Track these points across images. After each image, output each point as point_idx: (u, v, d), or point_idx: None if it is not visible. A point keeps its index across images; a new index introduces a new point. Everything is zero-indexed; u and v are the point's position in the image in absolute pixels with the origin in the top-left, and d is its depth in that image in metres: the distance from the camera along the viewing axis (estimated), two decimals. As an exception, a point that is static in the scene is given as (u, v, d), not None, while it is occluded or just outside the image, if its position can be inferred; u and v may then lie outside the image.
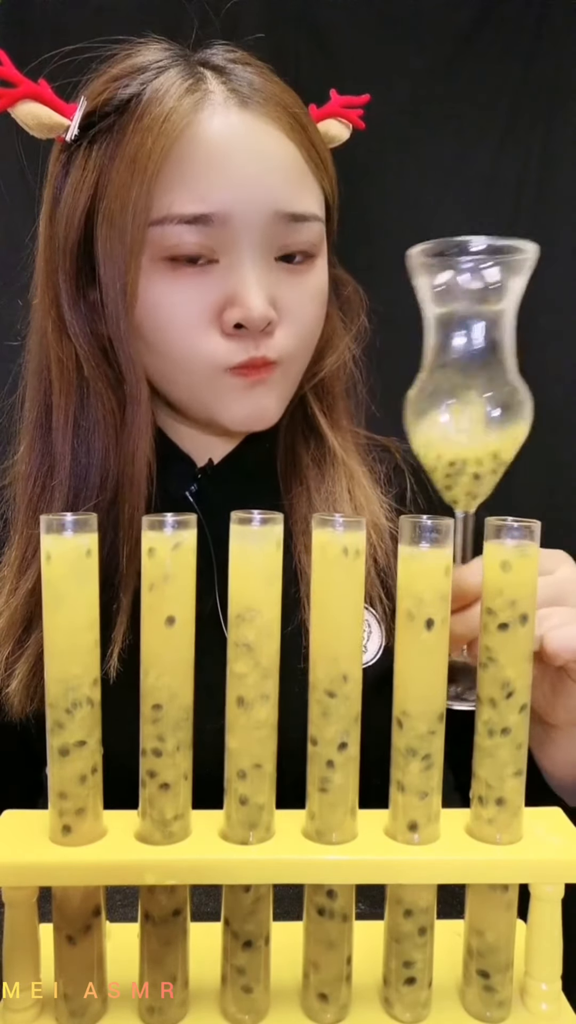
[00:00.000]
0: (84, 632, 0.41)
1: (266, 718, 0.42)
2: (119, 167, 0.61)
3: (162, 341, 0.64)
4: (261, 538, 0.40)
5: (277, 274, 0.64)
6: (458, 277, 0.50)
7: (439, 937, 0.45)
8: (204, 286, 0.62)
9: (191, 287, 0.62)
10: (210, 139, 0.60)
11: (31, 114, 0.62)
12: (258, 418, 0.66)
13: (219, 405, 0.65)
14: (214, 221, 0.60)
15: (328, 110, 0.71)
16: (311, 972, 0.44)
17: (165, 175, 0.60)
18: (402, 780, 0.43)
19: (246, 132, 0.62)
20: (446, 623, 0.41)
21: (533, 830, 0.44)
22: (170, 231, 0.60)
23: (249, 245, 0.61)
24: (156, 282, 0.62)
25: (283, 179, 0.62)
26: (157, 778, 0.42)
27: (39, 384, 0.69)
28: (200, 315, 0.62)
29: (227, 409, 0.65)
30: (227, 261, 0.62)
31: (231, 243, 0.61)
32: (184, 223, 0.60)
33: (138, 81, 0.63)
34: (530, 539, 0.41)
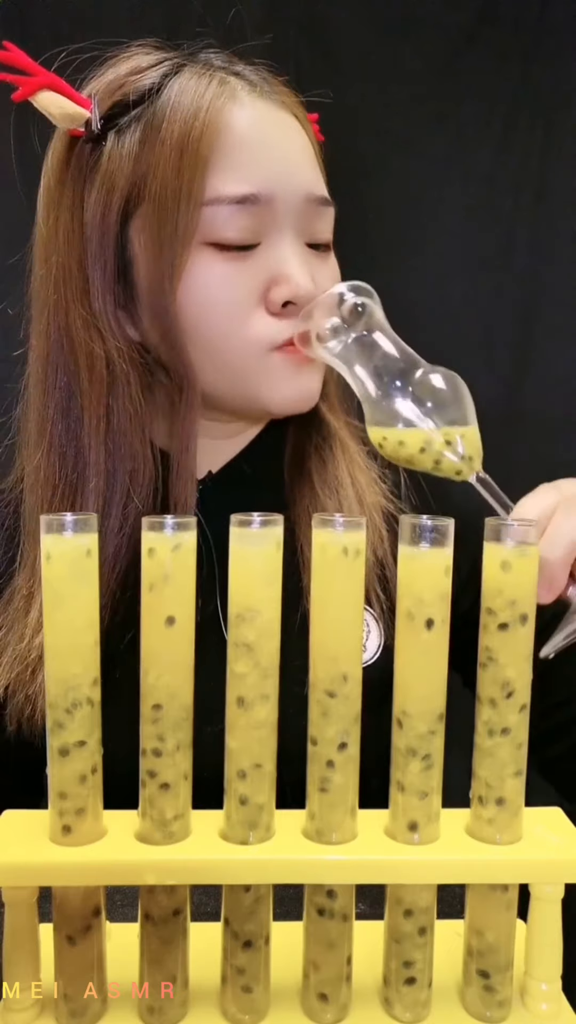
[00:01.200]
0: (84, 632, 0.41)
1: (266, 718, 0.42)
2: (164, 152, 0.61)
3: (207, 325, 0.64)
4: (261, 539, 0.40)
5: (309, 257, 0.66)
6: (337, 315, 0.60)
7: (439, 937, 0.45)
8: (249, 268, 0.63)
9: (236, 268, 0.63)
10: (246, 126, 0.63)
11: (55, 103, 0.62)
12: (306, 398, 0.67)
13: (266, 386, 0.65)
14: (260, 201, 0.62)
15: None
16: (311, 972, 0.44)
17: (212, 159, 0.61)
18: (402, 780, 0.43)
19: (274, 119, 0.64)
20: (446, 623, 0.41)
21: (533, 830, 0.44)
22: (219, 212, 0.61)
23: (289, 226, 0.64)
24: (203, 265, 0.62)
25: (308, 164, 0.66)
26: (157, 778, 0.42)
27: (57, 387, 0.67)
28: (247, 295, 0.63)
29: (275, 390, 0.66)
30: (268, 243, 0.63)
31: (273, 224, 0.63)
32: (233, 203, 0.61)
33: (156, 73, 0.64)
34: (530, 539, 0.41)
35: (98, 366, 0.65)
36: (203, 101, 0.62)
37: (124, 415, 0.66)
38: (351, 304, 0.59)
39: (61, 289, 0.66)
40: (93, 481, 0.66)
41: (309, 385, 0.66)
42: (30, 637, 0.65)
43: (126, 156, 0.63)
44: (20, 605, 0.67)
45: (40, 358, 0.68)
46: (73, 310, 0.65)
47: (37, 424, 0.68)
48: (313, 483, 0.71)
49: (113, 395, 0.66)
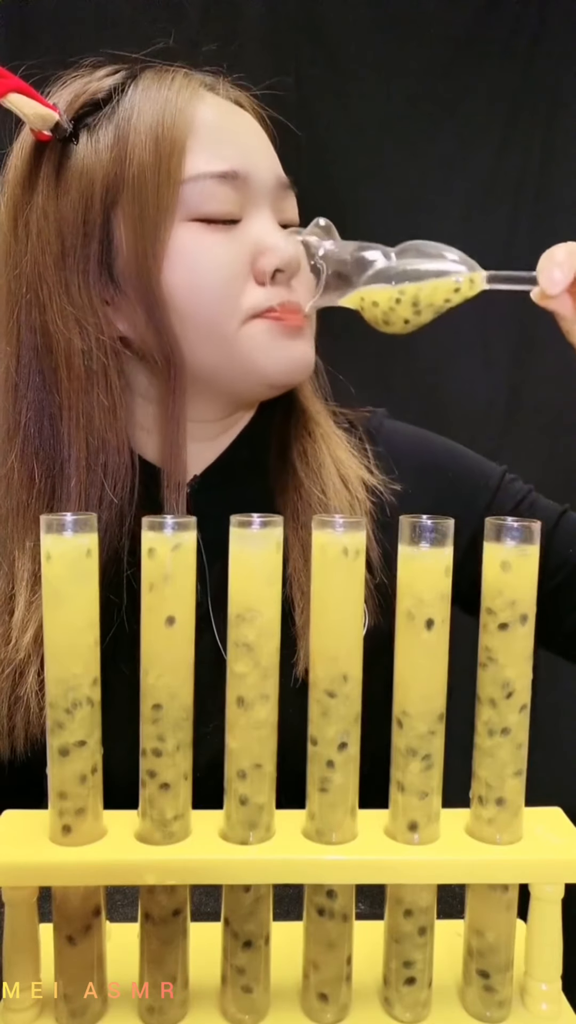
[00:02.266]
0: (84, 632, 0.41)
1: (266, 718, 0.42)
2: (139, 141, 0.63)
3: (198, 299, 0.64)
4: (261, 540, 0.40)
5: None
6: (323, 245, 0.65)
7: (439, 937, 0.45)
8: (234, 241, 0.65)
9: (223, 241, 0.64)
10: (215, 114, 0.65)
11: (28, 104, 0.63)
12: (301, 366, 0.68)
13: (261, 354, 0.66)
14: (239, 177, 0.64)
15: None
16: (311, 972, 0.44)
17: (189, 141, 0.63)
18: (402, 780, 0.43)
19: (235, 111, 0.68)
20: (446, 623, 0.41)
21: (533, 830, 0.44)
22: (202, 187, 0.63)
23: (265, 203, 0.66)
24: (190, 240, 0.63)
25: (271, 153, 0.69)
26: (157, 778, 0.42)
27: (32, 384, 0.66)
28: (236, 266, 0.64)
29: (269, 358, 0.66)
30: (248, 219, 0.65)
31: (251, 201, 0.65)
32: (215, 178, 0.63)
33: (118, 76, 0.66)
34: (530, 540, 0.41)
35: (77, 361, 0.65)
36: (171, 93, 0.65)
37: (103, 410, 0.66)
38: (320, 225, 0.65)
39: (36, 288, 0.65)
40: (74, 479, 0.66)
41: (303, 351, 0.67)
42: (16, 638, 0.65)
43: (102, 150, 0.64)
44: (2, 607, 0.67)
45: (7, 358, 0.67)
46: (50, 307, 0.65)
47: (6, 426, 0.67)
48: (296, 469, 0.72)
49: (93, 390, 0.65)
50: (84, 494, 0.66)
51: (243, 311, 0.64)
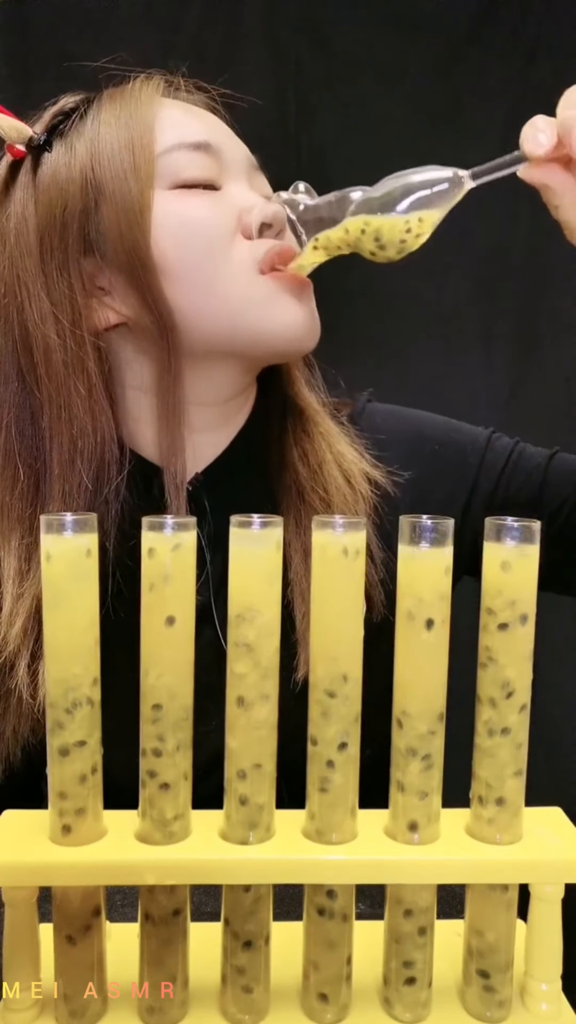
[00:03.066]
0: (84, 632, 0.41)
1: (266, 718, 0.42)
2: (110, 131, 0.65)
3: (191, 261, 0.64)
4: (261, 540, 0.40)
5: None
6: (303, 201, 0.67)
7: (439, 937, 0.45)
8: (217, 203, 0.66)
9: (207, 203, 0.65)
10: (181, 102, 0.69)
11: (4, 121, 0.66)
12: (310, 326, 0.68)
13: (268, 315, 0.66)
14: (212, 149, 0.66)
15: None
16: (311, 972, 0.44)
17: (159, 121, 0.65)
18: (402, 780, 0.43)
19: (204, 108, 0.70)
20: (446, 623, 0.41)
21: (533, 830, 0.44)
22: (178, 156, 0.65)
23: (241, 175, 0.68)
24: (175, 205, 0.65)
25: (238, 139, 0.71)
26: (157, 778, 0.42)
27: (8, 389, 0.67)
28: (222, 223, 0.65)
29: (277, 316, 0.66)
30: (227, 187, 0.67)
31: (227, 171, 0.67)
32: (191, 148, 0.65)
33: (82, 94, 0.69)
34: (530, 539, 0.41)
35: (55, 358, 0.65)
36: (136, 87, 0.68)
37: (83, 407, 0.66)
38: (300, 207, 0.66)
39: (14, 290, 0.66)
40: (57, 478, 0.66)
41: (308, 312, 0.68)
42: (4, 631, 0.65)
43: (77, 150, 0.66)
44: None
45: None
46: (29, 307, 0.65)
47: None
48: (297, 471, 0.72)
49: (72, 387, 0.66)
50: (66, 492, 0.66)
51: (241, 265, 0.65)
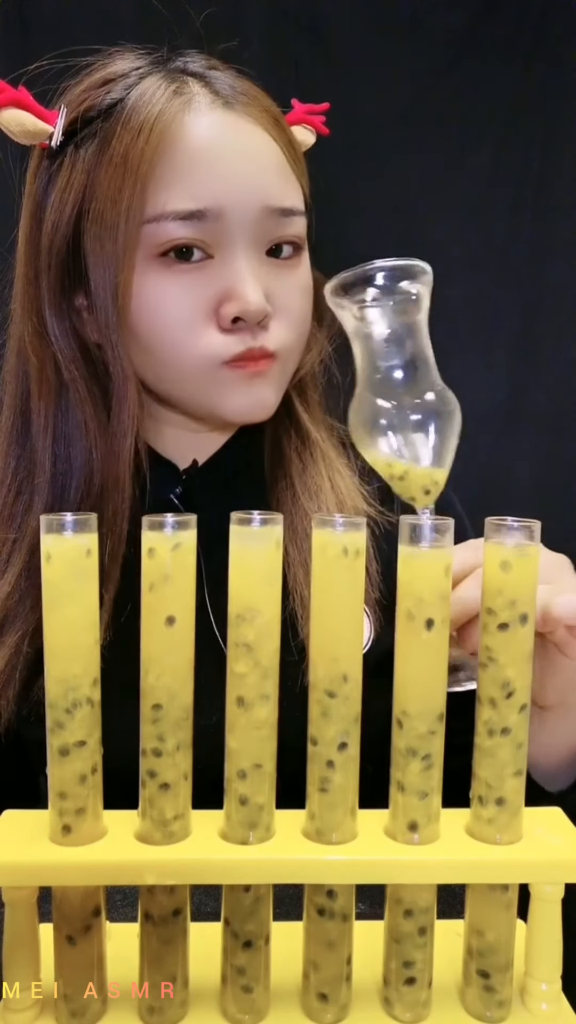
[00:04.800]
0: (84, 632, 0.41)
1: (266, 718, 0.42)
2: (109, 169, 0.62)
3: (159, 339, 0.64)
4: (261, 538, 0.40)
5: (268, 269, 0.65)
6: (376, 298, 0.53)
7: (439, 937, 0.45)
8: (199, 283, 0.63)
9: (186, 284, 0.63)
10: (199, 138, 0.62)
11: (15, 120, 0.63)
12: (258, 409, 0.67)
13: (219, 399, 0.66)
14: (208, 216, 0.61)
15: (293, 117, 0.73)
16: (311, 972, 0.44)
17: (157, 174, 0.61)
18: (402, 780, 0.43)
19: (233, 131, 0.63)
20: (446, 623, 0.41)
21: (533, 830, 0.44)
22: (164, 228, 0.61)
23: (242, 240, 0.63)
24: (151, 280, 0.63)
25: (271, 175, 0.64)
26: (157, 778, 0.42)
27: (16, 390, 0.70)
28: (197, 311, 0.63)
29: (226, 401, 0.66)
30: (221, 257, 0.63)
31: (224, 238, 0.62)
32: (178, 220, 0.61)
33: (120, 86, 0.64)
34: (530, 539, 0.41)
35: (47, 373, 0.67)
36: (153, 115, 0.61)
37: (73, 421, 0.68)
38: (405, 291, 0.53)
39: (19, 299, 0.68)
40: (39, 480, 0.68)
41: (262, 396, 0.66)
42: None
43: (80, 170, 0.64)
44: None
45: (8, 363, 0.71)
46: (26, 319, 0.67)
47: (2, 424, 0.71)
48: (295, 488, 0.72)
49: (62, 402, 0.68)
50: (51, 499, 0.68)
51: (205, 357, 0.64)
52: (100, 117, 0.63)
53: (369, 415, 0.54)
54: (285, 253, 0.66)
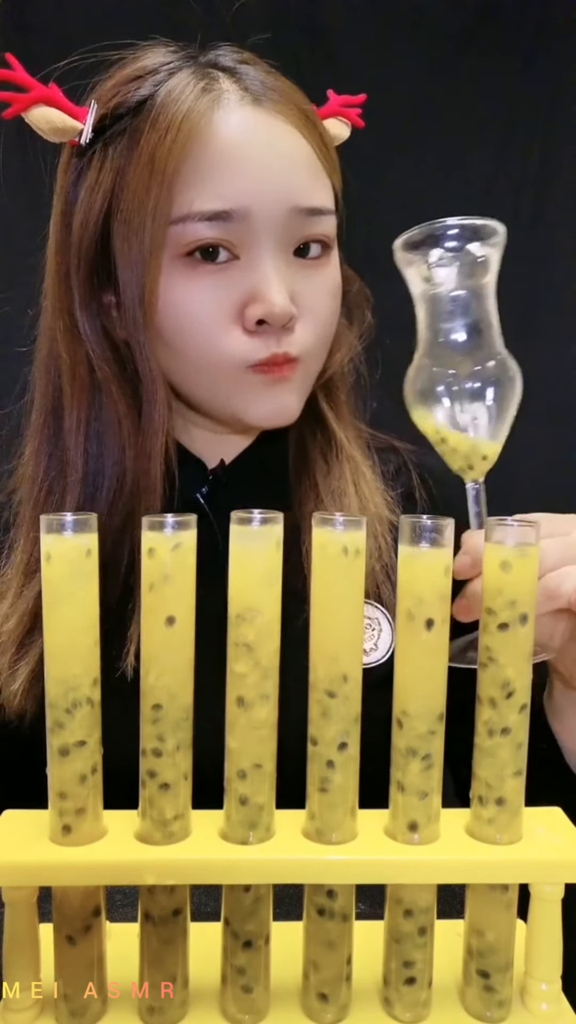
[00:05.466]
0: (84, 632, 0.41)
1: (266, 718, 0.42)
2: (136, 168, 0.61)
3: (183, 341, 0.64)
4: (261, 538, 0.40)
5: (295, 269, 0.64)
6: (445, 257, 0.53)
7: (439, 937, 0.45)
8: (225, 284, 0.62)
9: (212, 285, 0.62)
10: (227, 137, 0.61)
11: (44, 118, 0.62)
12: (281, 415, 0.67)
13: (241, 403, 0.66)
14: (234, 217, 0.61)
15: (328, 110, 0.72)
16: (311, 972, 0.44)
17: (184, 174, 0.61)
18: (402, 780, 0.42)
19: (262, 129, 0.62)
20: (446, 623, 0.41)
21: (533, 830, 0.44)
22: (191, 228, 0.61)
23: (268, 240, 0.62)
24: (176, 281, 0.62)
25: (299, 174, 0.63)
26: (157, 778, 0.42)
27: (47, 387, 0.69)
28: (222, 313, 0.63)
29: (250, 406, 0.66)
30: (247, 258, 0.62)
31: (251, 239, 0.62)
32: (204, 220, 0.61)
33: (150, 83, 0.63)
34: (530, 539, 0.41)
35: (79, 371, 0.67)
36: (180, 114, 0.61)
37: (105, 420, 0.67)
38: (474, 254, 0.53)
39: (50, 296, 0.67)
40: (71, 479, 0.68)
41: (285, 402, 0.66)
42: (1, 622, 0.67)
43: (108, 169, 0.63)
44: (4, 594, 0.69)
45: (39, 359, 0.70)
46: (57, 316, 0.67)
47: (33, 422, 0.71)
48: (319, 491, 0.71)
49: (95, 400, 0.67)
50: (83, 497, 0.68)
51: (230, 359, 0.63)
52: (129, 114, 0.63)
53: (426, 381, 0.53)
54: (313, 252, 0.65)
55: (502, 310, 1.48)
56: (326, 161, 0.66)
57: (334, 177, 0.68)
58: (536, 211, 1.38)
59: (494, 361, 0.53)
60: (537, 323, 1.39)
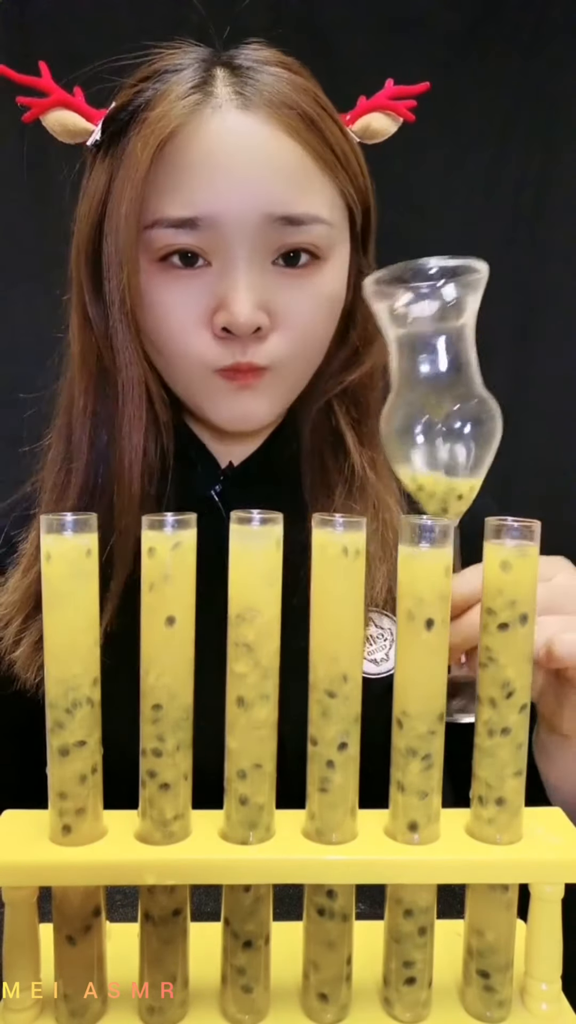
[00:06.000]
0: (84, 632, 0.41)
1: (266, 718, 0.42)
2: (120, 172, 0.63)
3: (162, 341, 0.66)
4: (261, 538, 0.40)
5: (274, 278, 0.64)
6: (417, 299, 0.50)
7: (439, 937, 0.45)
8: (197, 288, 0.63)
9: (184, 289, 0.63)
10: (202, 141, 0.61)
11: (57, 120, 0.64)
12: (244, 420, 0.68)
13: (208, 404, 0.68)
14: (200, 225, 0.61)
15: (375, 102, 0.70)
16: (311, 972, 0.44)
17: (157, 178, 0.61)
18: (402, 780, 0.43)
19: (243, 134, 0.61)
20: (446, 623, 0.41)
21: (533, 830, 0.44)
22: (160, 234, 0.62)
23: (241, 248, 0.61)
24: (153, 283, 0.64)
25: (280, 181, 0.62)
26: (157, 778, 0.42)
27: (68, 379, 0.72)
28: (193, 317, 0.64)
29: (215, 409, 0.67)
30: (219, 264, 0.63)
31: (222, 246, 0.62)
32: (172, 227, 0.61)
33: (152, 85, 0.64)
34: (530, 539, 0.41)
35: (88, 360, 0.68)
36: (160, 119, 0.60)
37: (109, 411, 0.69)
38: (447, 296, 0.50)
39: (70, 288, 0.70)
40: (77, 465, 0.69)
41: (250, 407, 0.67)
42: (8, 594, 0.70)
43: (103, 170, 0.65)
44: (17, 564, 0.71)
45: (67, 348, 0.72)
46: (73, 307, 0.69)
47: (58, 405, 0.73)
48: (336, 508, 0.70)
49: (99, 385, 0.69)
50: (86, 486, 0.69)
51: (199, 362, 0.65)
52: (126, 117, 0.64)
53: (402, 420, 0.52)
54: (302, 261, 0.64)
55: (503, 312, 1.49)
56: (328, 166, 0.64)
57: (343, 183, 0.66)
58: (536, 211, 1.38)
59: (473, 401, 0.51)
60: (538, 323, 1.39)
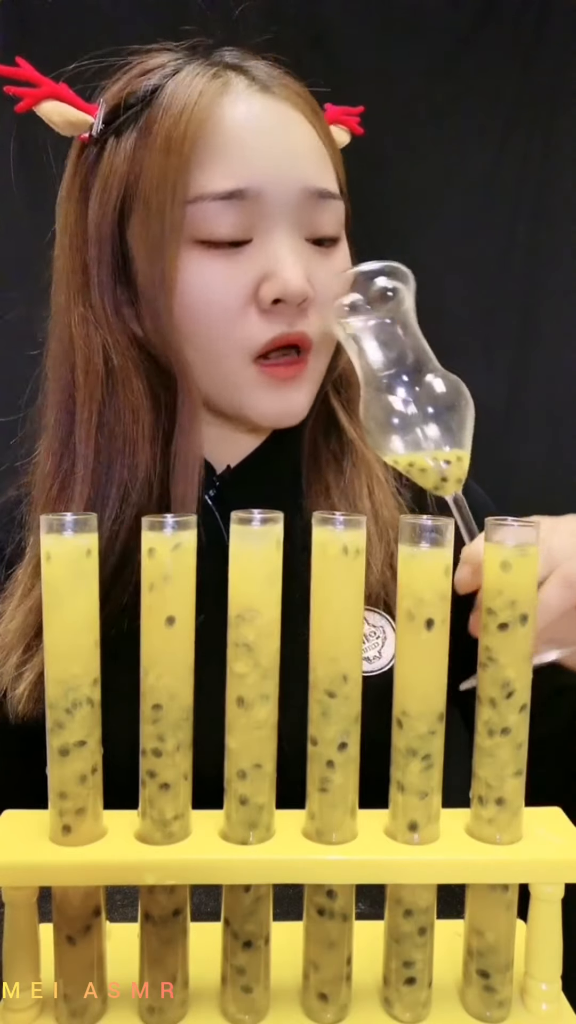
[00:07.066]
0: (84, 632, 0.41)
1: (266, 718, 0.42)
2: (152, 152, 0.62)
3: (197, 327, 0.64)
4: (261, 538, 0.40)
5: (309, 253, 0.65)
6: (355, 297, 0.57)
7: (439, 937, 0.45)
8: (239, 265, 0.63)
9: (226, 267, 0.63)
10: (238, 119, 0.62)
11: (57, 111, 0.64)
12: (288, 415, 0.67)
13: (249, 399, 0.66)
14: (247, 196, 0.61)
15: (328, 118, 0.73)
16: (311, 972, 0.44)
17: (198, 155, 0.61)
18: (402, 780, 0.43)
19: (270, 114, 0.64)
20: (446, 623, 0.41)
21: (533, 830, 0.44)
22: (206, 208, 0.61)
23: (282, 220, 0.63)
24: (191, 265, 0.63)
25: (308, 157, 0.65)
26: (157, 778, 0.42)
27: (59, 382, 0.69)
28: (236, 294, 0.63)
29: (257, 404, 0.66)
30: (260, 239, 0.63)
31: (264, 219, 0.62)
32: (219, 199, 0.61)
33: (159, 75, 0.64)
34: (530, 539, 0.41)
35: (94, 361, 0.66)
36: (193, 98, 0.62)
37: (119, 411, 0.67)
38: (380, 288, 0.56)
39: (65, 290, 0.68)
40: (80, 473, 0.67)
41: (293, 400, 0.66)
42: (6, 622, 0.67)
43: (122, 158, 0.64)
44: (13, 592, 0.69)
45: (49, 356, 0.70)
46: (74, 309, 0.67)
47: (45, 420, 0.70)
48: (331, 495, 0.71)
49: (108, 391, 0.67)
50: (92, 491, 0.67)
51: (244, 344, 0.63)
52: (140, 104, 0.64)
53: (378, 411, 0.54)
54: (326, 242, 0.66)
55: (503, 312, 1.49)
56: (332, 151, 0.68)
57: (339, 169, 0.69)
58: (537, 210, 1.38)
59: (434, 378, 0.55)
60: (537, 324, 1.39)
